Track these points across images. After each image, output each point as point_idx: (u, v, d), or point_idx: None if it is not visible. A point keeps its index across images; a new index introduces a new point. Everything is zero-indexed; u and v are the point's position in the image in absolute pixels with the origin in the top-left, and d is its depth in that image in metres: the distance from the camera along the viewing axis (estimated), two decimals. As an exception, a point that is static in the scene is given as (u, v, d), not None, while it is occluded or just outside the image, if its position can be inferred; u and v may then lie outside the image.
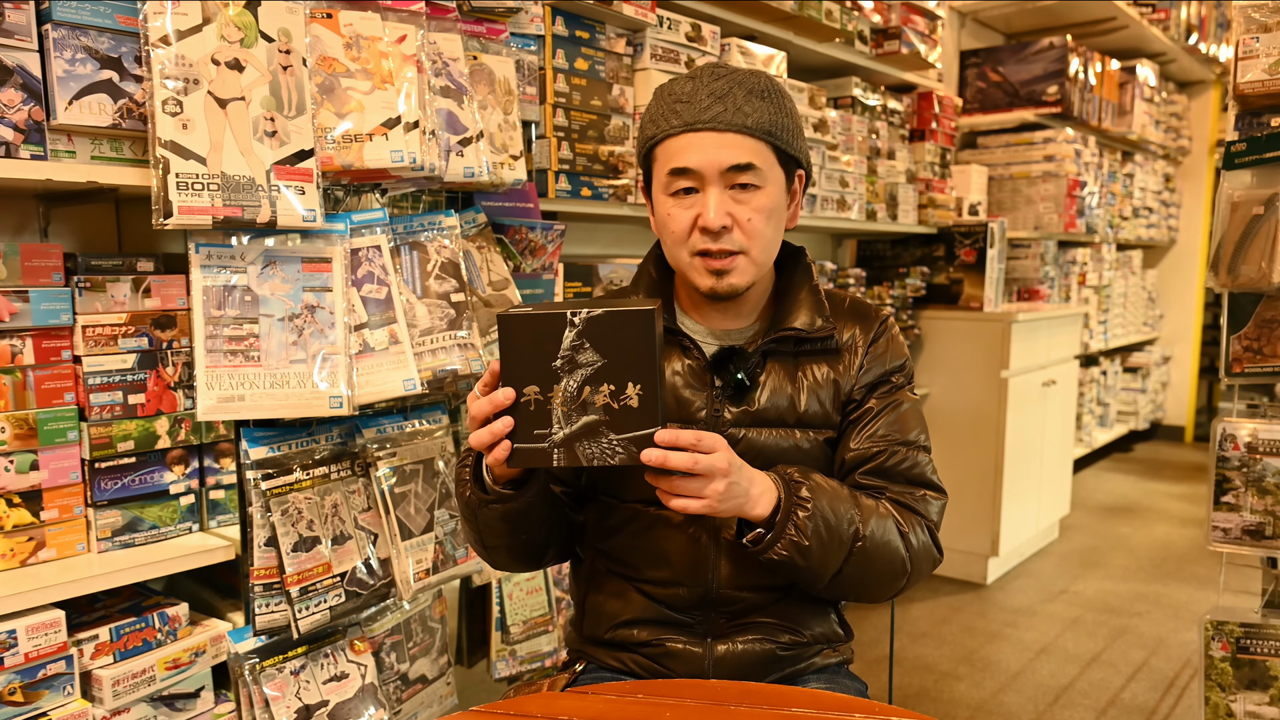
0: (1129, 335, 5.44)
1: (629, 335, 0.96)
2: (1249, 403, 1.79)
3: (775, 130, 1.14)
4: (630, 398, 0.97)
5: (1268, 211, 1.66)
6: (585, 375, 0.97)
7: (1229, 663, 1.73)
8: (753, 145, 1.12)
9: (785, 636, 1.19)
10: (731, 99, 1.12)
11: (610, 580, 1.25)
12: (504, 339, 0.98)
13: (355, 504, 1.53)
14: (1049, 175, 4.22)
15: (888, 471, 1.18)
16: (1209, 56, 5.40)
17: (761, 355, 1.20)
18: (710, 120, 1.11)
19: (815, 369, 1.21)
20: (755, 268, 1.16)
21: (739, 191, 1.13)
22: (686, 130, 1.12)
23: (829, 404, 1.20)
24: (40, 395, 1.39)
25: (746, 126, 1.11)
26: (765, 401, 1.19)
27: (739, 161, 1.11)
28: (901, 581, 1.15)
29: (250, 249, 1.42)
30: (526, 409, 0.98)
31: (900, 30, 3.06)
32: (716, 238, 1.12)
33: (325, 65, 1.46)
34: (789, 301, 1.22)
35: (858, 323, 1.24)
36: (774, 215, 1.15)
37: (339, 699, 1.52)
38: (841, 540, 1.08)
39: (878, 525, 1.12)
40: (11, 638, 1.27)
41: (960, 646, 2.92)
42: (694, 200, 1.13)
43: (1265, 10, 1.67)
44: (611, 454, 0.98)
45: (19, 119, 1.26)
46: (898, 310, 3.43)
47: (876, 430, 1.19)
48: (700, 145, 1.11)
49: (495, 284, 1.73)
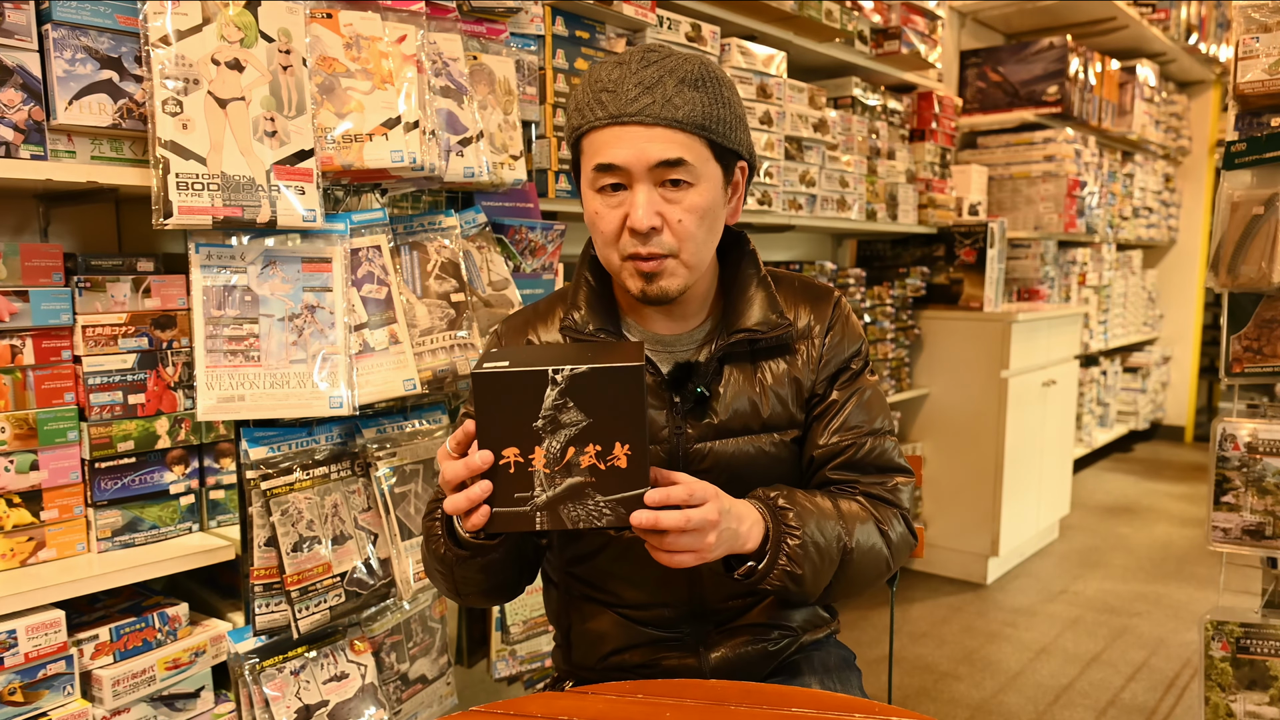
0: (1129, 335, 5.44)
1: (615, 393, 0.89)
2: (1249, 403, 1.79)
3: (709, 123, 1.05)
4: (618, 458, 0.91)
5: (1268, 211, 1.66)
6: (569, 435, 0.90)
7: (1229, 663, 1.73)
8: (684, 140, 1.04)
9: (774, 633, 1.19)
10: (661, 89, 1.03)
11: (591, 608, 1.21)
12: (479, 398, 0.90)
13: (355, 504, 1.53)
14: (1049, 175, 4.22)
15: (859, 463, 1.15)
16: (1209, 56, 5.40)
17: (718, 361, 1.14)
18: (637, 113, 1.02)
19: (773, 366, 1.16)
20: (688, 270, 1.09)
21: (670, 189, 1.05)
22: (612, 123, 1.04)
23: (791, 402, 1.16)
24: (40, 395, 1.39)
25: (677, 120, 1.03)
26: (728, 411, 1.14)
27: (668, 157, 1.03)
28: (885, 576, 1.15)
29: (250, 249, 1.42)
30: (505, 471, 0.91)
31: (900, 30, 3.06)
32: (645, 240, 1.05)
33: (325, 65, 1.46)
34: (739, 298, 1.16)
35: (811, 307, 1.19)
36: (708, 214, 1.07)
37: (339, 699, 1.52)
38: (832, 559, 1.06)
39: (862, 532, 1.09)
40: (11, 638, 1.27)
41: (960, 646, 2.92)
42: (622, 198, 1.06)
43: (1265, 10, 1.67)
44: (599, 516, 0.92)
45: (19, 119, 1.26)
46: (898, 310, 3.43)
47: (844, 422, 1.15)
48: (627, 140, 1.03)
49: (495, 284, 1.73)
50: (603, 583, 1.19)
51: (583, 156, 1.10)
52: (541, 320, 1.22)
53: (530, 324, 1.22)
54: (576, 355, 0.93)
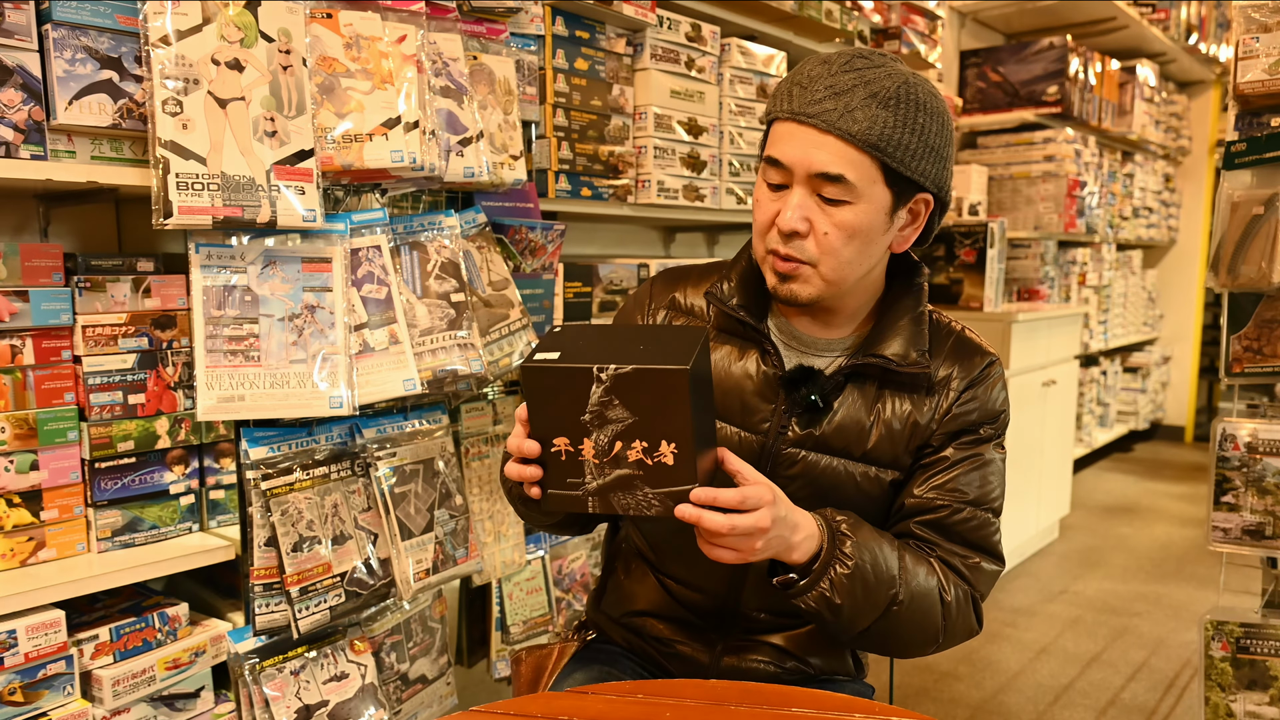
0: (1129, 335, 5.44)
1: (660, 394, 0.89)
2: (1249, 403, 1.79)
3: (886, 145, 1.00)
4: (664, 455, 0.91)
5: (1268, 211, 1.66)
6: (616, 431, 0.91)
7: (1229, 663, 1.73)
8: (852, 156, 1.00)
9: (790, 663, 1.18)
10: (848, 98, 0.99)
11: (637, 564, 1.23)
12: (528, 389, 0.92)
13: (355, 504, 1.53)
14: (1049, 175, 4.22)
15: (947, 529, 1.10)
16: (1209, 56, 5.40)
17: (843, 377, 1.11)
18: (815, 115, 1.00)
19: (897, 402, 1.11)
20: (825, 284, 1.06)
21: (826, 200, 1.02)
22: (791, 119, 1.02)
23: (901, 444, 1.11)
24: (40, 395, 1.39)
25: (850, 133, 0.99)
26: (834, 428, 1.10)
27: (829, 171, 1.00)
28: (930, 648, 1.09)
29: (250, 249, 1.42)
30: (557, 458, 0.93)
31: (900, 30, 3.06)
32: (787, 241, 1.04)
33: (325, 65, 1.46)
34: (888, 324, 1.12)
35: (958, 361, 1.13)
36: (859, 234, 1.03)
37: (339, 699, 1.52)
38: (876, 604, 1.02)
39: (919, 590, 1.05)
40: (11, 638, 1.27)
41: (960, 646, 2.92)
42: (782, 195, 1.05)
43: (1265, 10, 1.67)
44: (648, 505, 0.93)
45: (19, 119, 1.26)
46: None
47: (948, 483, 1.10)
48: (798, 140, 1.01)
49: (495, 284, 1.73)
50: (656, 545, 1.20)
51: (767, 143, 1.08)
52: (693, 283, 1.22)
53: (682, 282, 1.23)
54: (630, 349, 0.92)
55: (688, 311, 1.20)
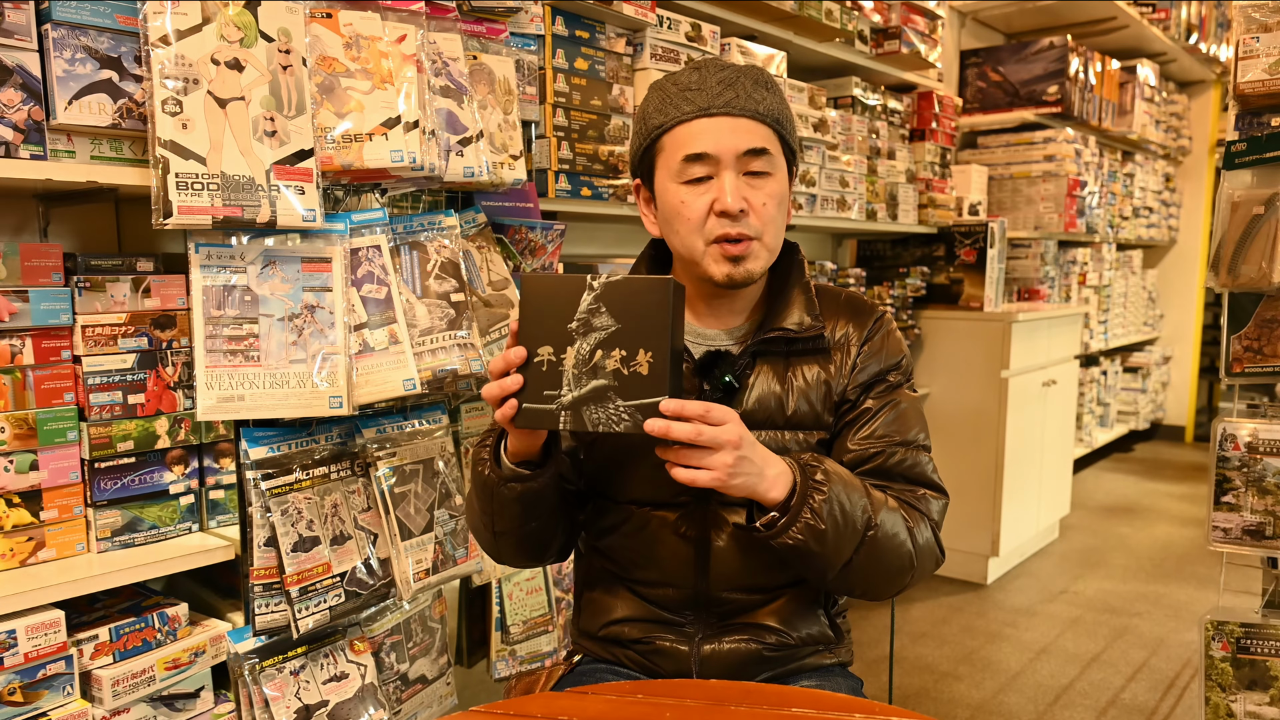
0: (1129, 335, 5.44)
1: (644, 302, 0.97)
2: (1249, 403, 1.79)
3: (782, 120, 1.15)
4: (640, 364, 0.97)
5: (1268, 211, 1.66)
6: (599, 339, 0.98)
7: (1229, 663, 1.73)
8: (765, 131, 1.13)
9: (772, 638, 1.20)
10: (741, 86, 1.12)
11: (604, 578, 1.26)
12: (524, 298, 1.00)
13: (355, 504, 1.53)
14: (1049, 175, 4.22)
15: (888, 471, 1.17)
16: (1209, 56, 5.40)
17: (751, 356, 1.19)
18: (724, 105, 1.11)
19: (805, 369, 1.19)
20: (768, 254, 1.16)
21: (752, 178, 1.13)
22: (700, 115, 1.11)
23: (819, 405, 1.19)
24: (40, 395, 1.39)
25: (759, 112, 1.12)
26: (753, 403, 1.17)
27: (755, 146, 1.12)
28: (907, 578, 1.14)
29: (250, 249, 1.42)
30: (539, 369, 0.99)
31: (900, 30, 3.06)
32: (735, 221, 1.12)
33: (325, 65, 1.46)
34: (780, 300, 1.21)
35: (851, 319, 1.22)
36: (784, 201, 1.16)
37: (339, 699, 1.52)
38: (855, 527, 1.07)
39: (887, 517, 1.10)
40: (11, 638, 1.27)
41: (960, 646, 2.92)
42: (708, 187, 1.12)
43: (1265, 10, 1.66)
44: (617, 420, 0.98)
45: (19, 119, 1.26)
46: (898, 310, 3.43)
47: (875, 430, 1.17)
48: (715, 130, 1.11)
49: (495, 284, 1.73)
50: (619, 555, 1.23)
51: (662, 155, 1.16)
52: None
53: None
54: None
55: None
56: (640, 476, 1.21)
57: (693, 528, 1.18)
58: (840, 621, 1.27)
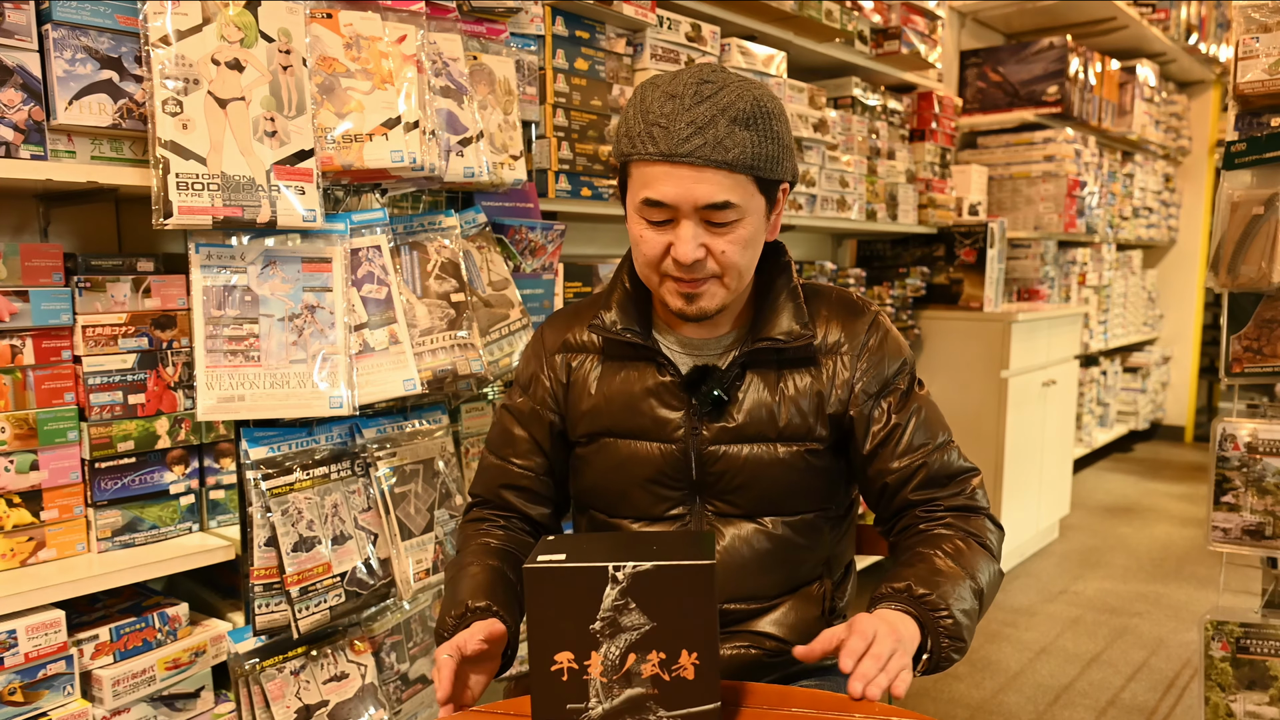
0: (1129, 335, 5.44)
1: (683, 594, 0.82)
2: (1249, 403, 1.79)
3: (758, 163, 1.06)
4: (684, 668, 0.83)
5: (1268, 211, 1.66)
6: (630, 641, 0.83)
7: (1229, 663, 1.73)
8: (732, 182, 1.05)
9: (772, 644, 1.19)
10: (714, 129, 1.03)
11: None
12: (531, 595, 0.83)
13: (355, 504, 1.53)
14: (1049, 175, 4.22)
15: (934, 479, 1.17)
16: (1209, 56, 5.40)
17: (741, 366, 1.17)
18: (688, 154, 1.03)
19: (797, 378, 1.17)
20: (726, 292, 1.12)
21: (714, 226, 1.07)
22: (663, 160, 1.04)
23: (811, 415, 1.16)
24: (40, 395, 1.39)
25: (726, 162, 1.03)
26: (744, 416, 1.16)
27: (715, 200, 1.04)
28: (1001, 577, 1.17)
29: (250, 249, 1.42)
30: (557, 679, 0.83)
31: (900, 30, 3.06)
32: (690, 269, 1.08)
33: (325, 65, 1.46)
34: (768, 307, 1.18)
35: (843, 325, 1.19)
36: (751, 244, 1.10)
37: (339, 699, 1.52)
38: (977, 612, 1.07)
39: (983, 569, 1.10)
40: (11, 638, 1.27)
41: (960, 646, 2.92)
42: (666, 230, 1.08)
43: (1265, 10, 1.67)
44: None
45: (19, 119, 1.26)
46: (897, 310, 3.43)
47: (910, 444, 1.17)
48: (676, 179, 1.04)
49: (495, 284, 1.73)
50: None
51: (630, 181, 1.11)
52: (581, 321, 1.26)
53: (570, 323, 1.27)
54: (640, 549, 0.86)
55: (581, 348, 1.25)
56: (632, 494, 1.20)
57: None
58: (840, 623, 1.27)
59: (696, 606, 0.82)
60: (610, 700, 0.83)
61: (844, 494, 1.25)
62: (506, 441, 1.28)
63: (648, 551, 0.84)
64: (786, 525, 1.19)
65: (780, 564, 1.20)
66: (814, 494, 1.19)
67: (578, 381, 1.24)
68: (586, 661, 0.83)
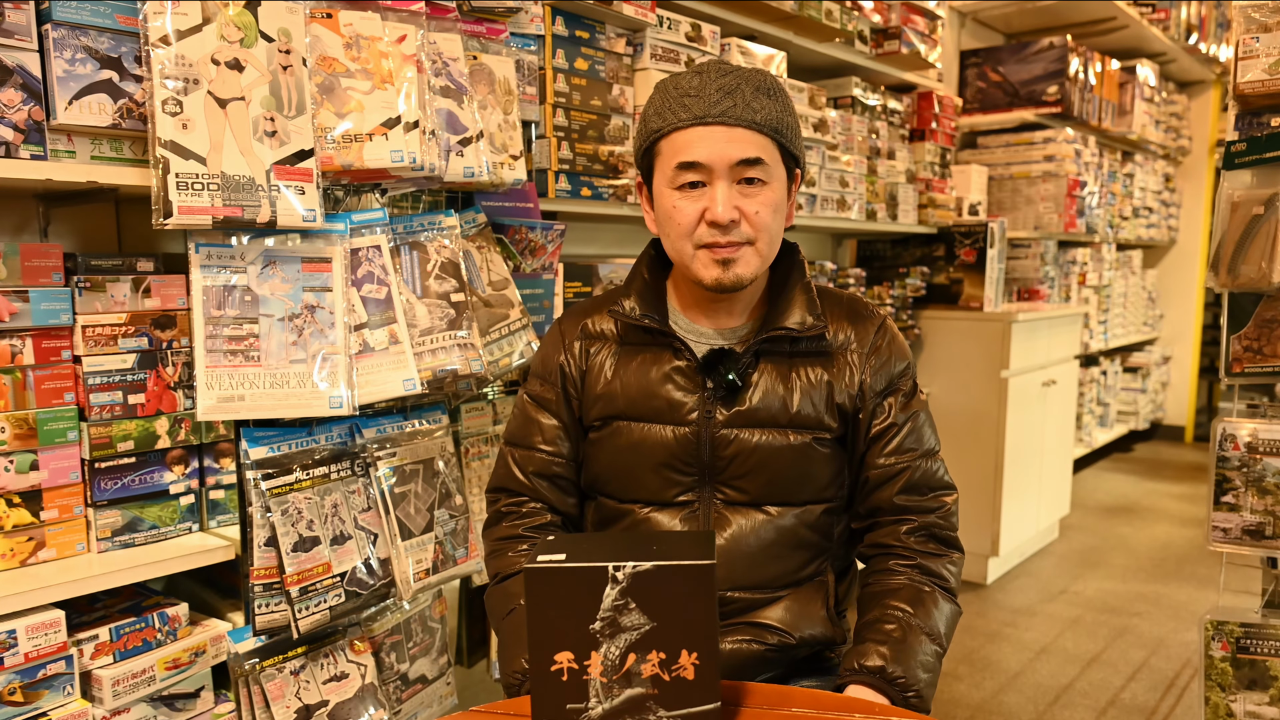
0: (1129, 335, 5.44)
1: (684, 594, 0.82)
2: (1249, 403, 1.79)
3: (781, 128, 1.15)
4: (684, 667, 0.83)
5: (1268, 211, 1.66)
6: (630, 640, 0.83)
7: (1229, 663, 1.73)
8: (761, 141, 1.13)
9: (773, 638, 1.20)
10: (740, 94, 1.12)
11: None
12: (531, 596, 0.84)
13: (355, 504, 1.53)
14: (1049, 175, 4.22)
15: (915, 486, 1.22)
16: (1209, 56, 5.40)
17: (754, 355, 1.20)
18: (720, 114, 1.11)
19: (809, 370, 1.21)
20: (760, 260, 1.16)
21: (746, 186, 1.13)
22: (696, 124, 1.12)
23: (822, 406, 1.21)
24: (40, 395, 1.39)
25: (756, 122, 1.12)
26: (757, 401, 1.19)
27: (748, 156, 1.12)
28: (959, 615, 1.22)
29: (250, 249, 1.42)
30: (556, 679, 0.84)
31: (900, 30, 3.06)
32: (725, 231, 1.13)
33: (325, 65, 1.46)
34: (782, 300, 1.22)
35: (853, 325, 1.24)
36: (779, 210, 1.16)
37: (339, 699, 1.52)
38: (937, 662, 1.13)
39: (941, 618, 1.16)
40: (11, 638, 1.27)
41: (960, 646, 2.92)
42: (701, 194, 1.14)
43: (1265, 10, 1.66)
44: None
45: (19, 119, 1.26)
46: (898, 310, 3.43)
47: (901, 445, 1.21)
48: (710, 139, 1.12)
49: (495, 284, 1.73)
50: None
51: (659, 158, 1.17)
52: (597, 310, 1.31)
53: (587, 313, 1.32)
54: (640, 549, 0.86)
55: (599, 336, 1.29)
56: (643, 478, 1.21)
57: (695, 527, 1.19)
58: (841, 622, 1.28)
59: (696, 606, 0.83)
60: (610, 700, 0.84)
61: (847, 488, 1.27)
62: (532, 429, 1.30)
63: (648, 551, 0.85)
64: (793, 515, 1.21)
65: (785, 555, 1.21)
66: (821, 484, 1.22)
67: (594, 367, 1.27)
68: (586, 661, 0.84)
